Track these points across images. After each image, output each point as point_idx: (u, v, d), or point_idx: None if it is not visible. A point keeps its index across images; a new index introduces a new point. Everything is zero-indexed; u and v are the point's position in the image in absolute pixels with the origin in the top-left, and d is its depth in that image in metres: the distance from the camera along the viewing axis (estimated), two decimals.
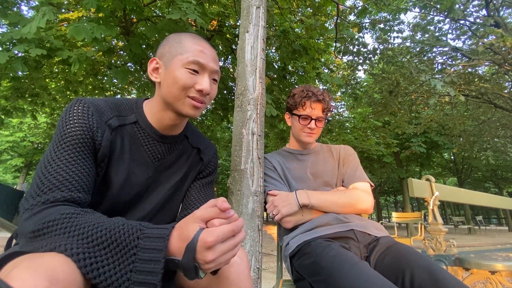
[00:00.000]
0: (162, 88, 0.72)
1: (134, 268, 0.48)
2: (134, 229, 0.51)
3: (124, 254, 0.49)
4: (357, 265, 0.80)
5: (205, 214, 0.51)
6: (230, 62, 5.94)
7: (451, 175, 21.04)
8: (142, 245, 0.49)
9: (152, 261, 0.48)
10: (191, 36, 0.74)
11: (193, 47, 0.71)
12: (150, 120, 0.75)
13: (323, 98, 1.22)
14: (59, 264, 0.43)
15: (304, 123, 1.22)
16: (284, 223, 1.12)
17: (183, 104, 0.71)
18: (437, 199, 1.76)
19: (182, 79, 0.69)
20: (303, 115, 1.21)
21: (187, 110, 0.71)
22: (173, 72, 0.70)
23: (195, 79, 0.70)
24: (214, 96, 0.78)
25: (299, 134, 1.25)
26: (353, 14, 5.77)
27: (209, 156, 0.89)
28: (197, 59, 0.70)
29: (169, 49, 0.73)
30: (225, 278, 0.62)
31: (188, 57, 0.70)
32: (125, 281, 0.47)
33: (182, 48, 0.71)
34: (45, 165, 0.60)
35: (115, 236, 0.50)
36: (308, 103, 1.21)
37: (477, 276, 1.46)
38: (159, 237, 0.50)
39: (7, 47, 3.07)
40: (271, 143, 10.48)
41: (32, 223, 0.52)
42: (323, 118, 1.23)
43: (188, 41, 0.73)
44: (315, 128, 1.22)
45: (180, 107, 0.71)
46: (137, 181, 0.72)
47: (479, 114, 8.72)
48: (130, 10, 3.70)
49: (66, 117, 0.64)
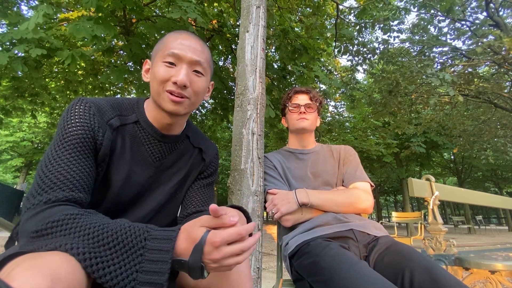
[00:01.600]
0: (150, 87, 0.72)
1: (141, 268, 0.48)
2: (141, 231, 0.52)
3: (131, 255, 0.49)
4: (356, 265, 0.80)
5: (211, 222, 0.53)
6: (230, 62, 5.94)
7: (451, 175, 21.06)
8: (150, 246, 0.50)
9: (159, 261, 0.49)
10: (175, 32, 0.73)
11: (172, 41, 0.70)
12: (150, 120, 0.75)
13: (306, 90, 1.35)
14: (61, 263, 0.43)
15: (295, 110, 1.31)
16: (283, 222, 1.13)
17: (163, 99, 0.69)
18: (437, 199, 1.76)
19: (159, 73, 0.68)
20: (293, 104, 1.32)
21: (167, 106, 0.69)
22: (153, 69, 0.70)
23: (171, 72, 0.68)
24: (201, 90, 0.73)
25: (294, 123, 1.31)
26: (353, 14, 5.77)
27: (210, 156, 0.88)
28: (172, 50, 0.68)
29: (155, 48, 0.73)
30: (225, 278, 0.62)
31: (165, 50, 0.69)
32: (131, 281, 0.48)
33: (163, 44, 0.71)
34: (46, 164, 0.60)
35: (122, 237, 0.50)
36: (295, 96, 1.34)
37: (477, 276, 1.46)
38: (166, 239, 0.51)
39: (7, 47, 3.07)
40: (271, 143, 10.48)
41: (34, 222, 0.52)
42: (312, 105, 1.31)
43: (169, 36, 0.72)
44: (306, 113, 1.29)
45: (161, 103, 0.69)
46: (137, 180, 0.73)
47: (479, 114, 8.72)
48: (130, 9, 3.69)
49: (67, 116, 0.64)
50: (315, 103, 1.32)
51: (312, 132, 1.36)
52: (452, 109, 8.38)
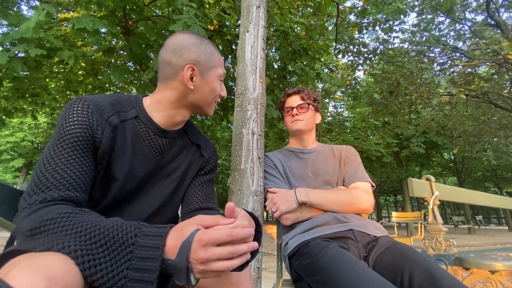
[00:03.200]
0: (195, 93, 0.78)
1: (131, 265, 0.48)
2: (132, 227, 0.51)
3: (121, 252, 0.49)
4: (355, 265, 0.80)
5: (206, 220, 0.52)
6: (230, 62, 5.94)
7: (451, 175, 21.05)
8: (140, 242, 0.49)
9: (149, 259, 0.48)
10: (215, 48, 0.83)
11: (221, 60, 0.84)
12: (151, 115, 0.76)
13: (298, 90, 1.35)
14: (58, 263, 0.43)
15: (288, 114, 1.34)
16: (283, 220, 1.13)
17: (210, 107, 0.83)
18: (437, 199, 1.76)
19: (217, 90, 0.82)
20: (286, 108, 1.35)
21: (211, 112, 0.84)
22: (211, 83, 0.80)
23: (221, 87, 0.84)
24: None
25: (289, 126, 1.34)
26: (353, 14, 5.77)
27: (209, 153, 0.90)
28: (223, 72, 0.83)
29: (204, 58, 0.78)
30: (225, 278, 0.62)
31: (220, 71, 0.82)
32: (122, 278, 0.47)
33: (216, 61, 0.81)
34: (44, 163, 0.60)
35: (112, 234, 0.50)
36: (288, 99, 1.36)
37: (477, 276, 1.46)
38: (157, 235, 0.50)
39: (7, 48, 3.07)
40: (271, 143, 10.49)
41: (29, 221, 0.52)
42: (304, 104, 1.31)
43: (217, 54, 0.83)
44: (298, 114, 1.30)
45: (207, 110, 0.83)
46: (138, 175, 0.73)
47: (479, 114, 8.72)
48: (130, 9, 3.70)
49: (66, 115, 0.64)
50: (307, 101, 1.31)
51: (311, 131, 1.35)
52: (452, 109, 8.38)
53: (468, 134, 9.14)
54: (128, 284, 0.47)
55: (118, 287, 0.47)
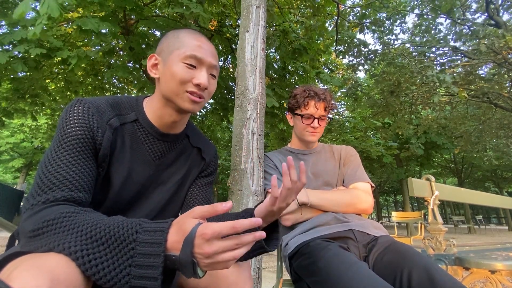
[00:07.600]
0: (161, 83, 0.72)
1: (133, 262, 0.47)
2: (133, 224, 0.51)
3: (123, 249, 0.48)
4: (355, 266, 0.80)
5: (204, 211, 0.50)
6: (230, 62, 5.94)
7: (451, 175, 21.04)
8: (141, 239, 0.49)
9: (152, 255, 0.47)
10: (189, 31, 0.74)
11: (191, 42, 0.71)
12: (150, 118, 0.75)
13: (325, 97, 1.22)
14: (60, 264, 0.43)
15: (307, 122, 1.21)
16: (283, 221, 1.13)
17: (182, 99, 0.71)
18: (437, 199, 1.76)
19: (179, 74, 0.69)
20: (306, 115, 1.21)
21: (186, 105, 0.71)
22: (171, 67, 0.70)
23: (193, 74, 0.70)
24: (213, 92, 0.78)
25: (302, 133, 1.25)
26: (352, 14, 5.77)
27: (210, 156, 0.89)
28: (194, 53, 0.70)
29: (167, 44, 0.73)
30: (225, 278, 0.62)
31: (186, 51, 0.70)
32: (125, 276, 0.47)
33: (180, 42, 0.71)
34: (46, 165, 0.60)
35: (113, 231, 0.49)
36: (310, 102, 1.21)
37: (477, 276, 1.46)
38: (158, 231, 0.49)
39: (7, 48, 3.08)
40: (271, 143, 10.46)
41: (31, 222, 0.52)
42: (325, 117, 1.24)
43: (186, 36, 0.73)
44: (318, 127, 1.21)
45: (179, 102, 0.71)
46: (138, 179, 0.73)
47: (479, 114, 8.72)
48: (130, 9, 3.70)
49: (66, 117, 0.64)
50: (328, 111, 1.23)
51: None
52: (452, 109, 8.38)
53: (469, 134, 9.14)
54: (132, 281, 0.47)
55: (122, 284, 0.47)
